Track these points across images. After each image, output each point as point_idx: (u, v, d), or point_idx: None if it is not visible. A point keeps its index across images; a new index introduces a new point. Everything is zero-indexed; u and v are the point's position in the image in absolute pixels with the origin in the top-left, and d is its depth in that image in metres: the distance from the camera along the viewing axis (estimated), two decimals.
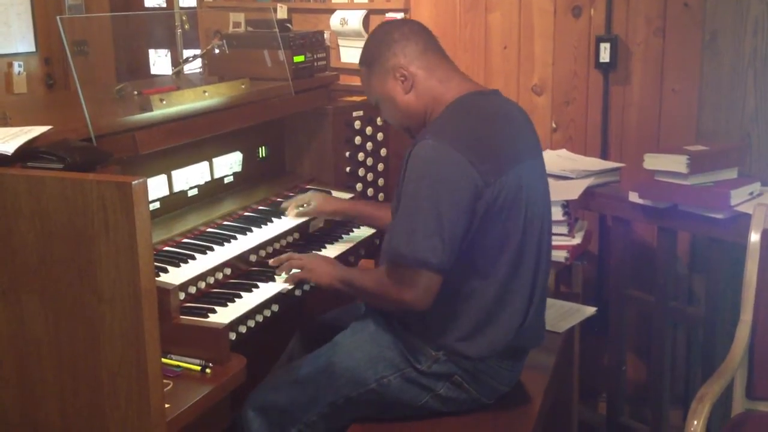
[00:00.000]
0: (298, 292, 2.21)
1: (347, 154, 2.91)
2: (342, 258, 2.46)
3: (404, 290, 1.90)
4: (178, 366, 1.83)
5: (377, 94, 2.11)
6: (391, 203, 2.10)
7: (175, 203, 2.43)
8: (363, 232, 2.64)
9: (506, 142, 1.96)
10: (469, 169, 1.86)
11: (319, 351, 2.12)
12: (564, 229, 2.70)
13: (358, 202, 2.64)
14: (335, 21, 3.46)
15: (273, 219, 2.48)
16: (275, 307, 2.12)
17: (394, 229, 1.91)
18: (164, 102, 2.25)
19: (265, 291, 2.14)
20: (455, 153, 1.86)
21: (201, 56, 2.96)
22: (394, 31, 2.08)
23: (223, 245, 2.24)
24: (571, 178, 2.80)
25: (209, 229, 2.36)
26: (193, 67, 3.01)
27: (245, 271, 2.24)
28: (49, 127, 1.87)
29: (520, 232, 1.96)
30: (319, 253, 2.43)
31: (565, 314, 2.59)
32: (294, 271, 2.21)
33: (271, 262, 2.25)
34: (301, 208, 2.52)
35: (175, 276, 2.02)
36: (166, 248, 2.18)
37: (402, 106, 2.07)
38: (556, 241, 2.62)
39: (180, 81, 2.82)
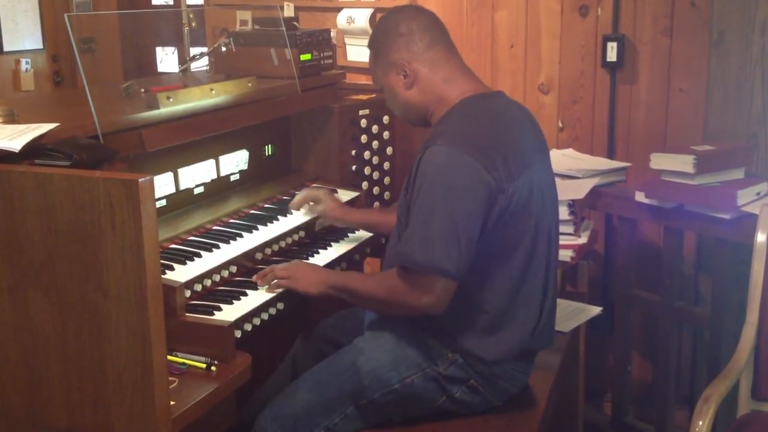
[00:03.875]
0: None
1: (353, 152, 2.91)
2: (347, 256, 2.46)
3: (421, 296, 1.87)
4: (184, 363, 1.83)
5: (381, 83, 2.11)
6: (398, 206, 2.08)
7: (182, 201, 2.44)
8: None
9: (516, 146, 1.94)
10: (484, 175, 1.84)
11: (337, 354, 2.11)
12: (570, 229, 2.69)
13: (366, 214, 2.58)
14: (342, 19, 3.46)
15: (279, 217, 2.48)
16: (280, 306, 2.12)
17: (408, 237, 1.88)
18: (171, 100, 2.25)
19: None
20: (469, 159, 1.84)
21: (208, 54, 2.96)
22: (400, 24, 2.05)
23: (229, 243, 2.24)
24: (578, 178, 2.79)
25: (215, 227, 2.36)
26: (200, 64, 3.01)
27: (251, 269, 2.24)
28: (56, 124, 1.87)
29: (531, 236, 1.95)
30: (307, 261, 2.34)
31: (570, 314, 2.59)
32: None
33: (253, 278, 2.14)
34: (309, 207, 2.51)
35: (181, 273, 2.02)
36: (172, 246, 2.18)
37: (402, 101, 2.07)
38: (561, 240, 2.60)
39: (187, 79, 2.82)
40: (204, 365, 1.83)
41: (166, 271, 2.01)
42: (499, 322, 1.96)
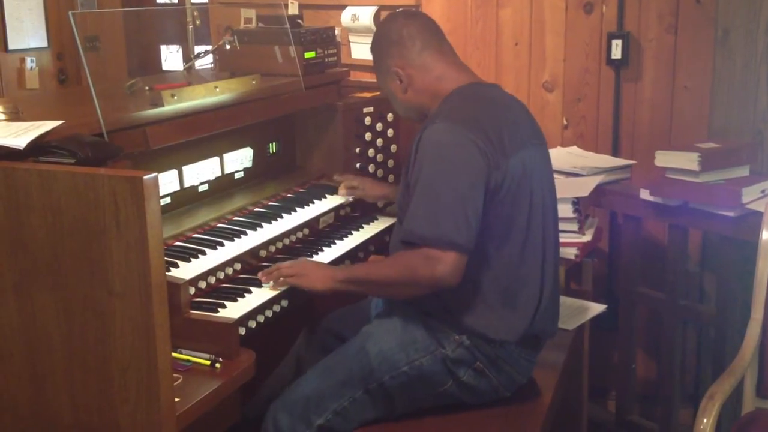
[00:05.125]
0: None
1: (357, 150, 2.91)
2: (351, 254, 2.46)
3: (434, 267, 1.87)
4: (188, 360, 1.84)
5: (382, 86, 2.24)
6: (398, 192, 2.10)
7: (186, 198, 2.44)
8: (373, 228, 2.64)
9: (509, 127, 1.99)
10: (483, 148, 1.90)
11: (345, 344, 2.13)
12: (574, 226, 2.69)
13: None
14: (346, 17, 3.46)
15: (283, 215, 2.48)
16: (285, 303, 2.12)
17: (413, 214, 1.91)
18: (175, 97, 2.25)
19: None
20: (468, 133, 1.90)
21: (212, 52, 2.96)
22: (392, 32, 2.14)
23: (233, 240, 2.25)
24: (582, 175, 2.79)
25: (219, 225, 2.36)
26: (205, 62, 3.02)
27: (255, 267, 2.24)
28: (60, 121, 1.88)
29: (526, 217, 1.99)
30: (312, 258, 2.33)
31: (575, 311, 2.59)
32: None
33: (259, 275, 2.14)
34: (352, 188, 2.68)
35: (185, 271, 2.03)
36: (177, 243, 2.19)
37: (401, 102, 2.18)
38: (566, 238, 2.62)
39: (191, 77, 2.83)
40: (208, 362, 1.83)
41: (171, 269, 2.01)
42: (500, 302, 1.99)
